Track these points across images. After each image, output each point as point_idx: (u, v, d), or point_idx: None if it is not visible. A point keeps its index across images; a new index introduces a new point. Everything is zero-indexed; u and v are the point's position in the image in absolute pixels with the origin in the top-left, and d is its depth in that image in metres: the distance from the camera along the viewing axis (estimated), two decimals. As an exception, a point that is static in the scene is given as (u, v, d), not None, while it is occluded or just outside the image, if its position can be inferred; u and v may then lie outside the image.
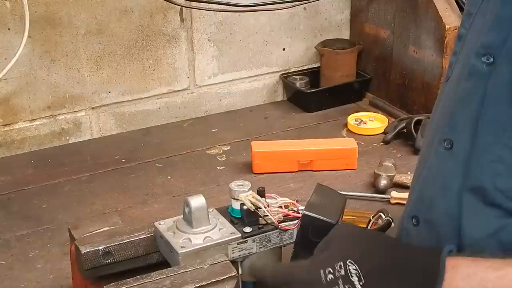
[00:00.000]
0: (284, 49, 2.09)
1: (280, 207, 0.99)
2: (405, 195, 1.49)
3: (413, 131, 1.75)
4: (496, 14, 0.79)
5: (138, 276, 0.90)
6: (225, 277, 0.89)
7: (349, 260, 0.78)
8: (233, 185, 1.00)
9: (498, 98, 0.77)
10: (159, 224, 0.97)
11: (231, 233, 0.95)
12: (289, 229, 0.98)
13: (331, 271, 0.78)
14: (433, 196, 0.86)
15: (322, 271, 0.79)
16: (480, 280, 0.70)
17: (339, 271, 0.78)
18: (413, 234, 0.92)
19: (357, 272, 0.77)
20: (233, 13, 1.93)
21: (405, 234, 0.96)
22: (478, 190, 0.79)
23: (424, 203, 0.88)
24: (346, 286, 0.76)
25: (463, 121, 0.82)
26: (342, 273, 0.77)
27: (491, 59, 0.79)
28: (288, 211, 0.99)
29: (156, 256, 0.99)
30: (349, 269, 0.77)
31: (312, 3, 2.02)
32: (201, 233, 0.94)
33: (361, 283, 0.76)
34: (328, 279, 0.78)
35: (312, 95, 2.04)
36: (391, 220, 1.29)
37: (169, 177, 1.66)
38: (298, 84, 2.09)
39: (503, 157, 0.77)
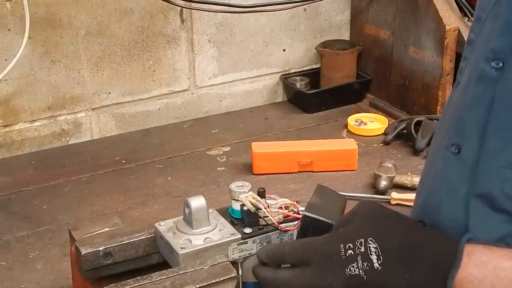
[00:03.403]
0: (284, 50, 2.09)
1: (281, 208, 0.99)
2: (405, 196, 1.50)
3: (413, 132, 1.75)
4: (506, 19, 0.79)
5: (139, 277, 0.90)
6: (225, 278, 0.89)
7: (370, 238, 0.78)
8: (233, 186, 1.00)
9: (507, 103, 0.77)
10: (159, 225, 0.97)
11: (231, 234, 0.95)
12: (289, 230, 0.98)
13: (351, 246, 0.79)
14: (440, 201, 0.86)
15: (342, 245, 0.79)
16: (493, 268, 0.71)
17: (359, 247, 0.78)
18: None
19: (376, 251, 0.77)
20: (233, 14, 1.93)
21: None
22: (486, 196, 0.79)
23: (430, 208, 0.88)
24: (364, 264, 0.77)
25: (471, 126, 0.81)
26: (362, 250, 0.78)
27: (500, 64, 0.79)
28: (288, 212, 0.99)
29: (156, 257, 0.99)
30: (369, 246, 0.78)
31: (312, 4, 2.02)
32: (201, 234, 0.94)
33: (379, 262, 0.77)
34: (348, 254, 0.79)
35: (312, 96, 2.04)
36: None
37: (169, 178, 1.66)
38: (298, 85, 2.09)
39: (511, 163, 0.77)
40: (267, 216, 0.96)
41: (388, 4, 1.97)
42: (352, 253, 0.78)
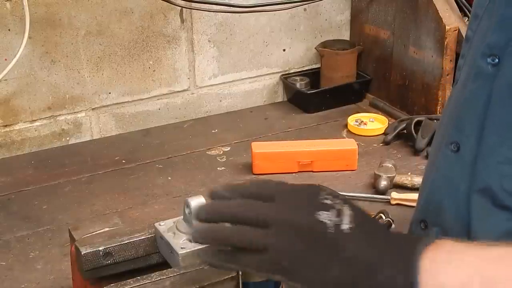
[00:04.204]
0: (284, 50, 2.09)
1: (280, 208, 0.99)
2: (406, 196, 1.50)
3: (413, 132, 1.75)
4: (501, 15, 0.79)
5: (139, 277, 0.90)
6: (225, 278, 0.89)
7: (348, 205, 0.71)
8: (233, 186, 1.00)
9: (504, 99, 0.77)
10: (159, 225, 0.97)
11: (231, 234, 0.95)
12: (289, 230, 0.98)
13: (330, 198, 0.72)
14: (441, 200, 0.86)
15: (322, 192, 0.73)
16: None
17: (337, 203, 0.71)
18: None
19: (351, 217, 0.70)
20: (233, 14, 1.93)
21: None
22: (486, 192, 0.79)
23: (432, 207, 0.88)
24: (336, 218, 0.69)
25: (470, 123, 0.82)
26: (339, 207, 0.71)
27: (496, 60, 0.79)
28: (288, 212, 0.99)
29: (156, 257, 0.99)
30: (345, 209, 0.71)
31: (312, 4, 2.02)
32: (201, 234, 0.94)
33: (348, 226, 0.69)
34: (324, 202, 0.71)
35: (312, 96, 2.04)
36: (391, 221, 1.29)
37: (169, 178, 1.66)
38: (298, 85, 2.09)
39: (510, 158, 0.77)
40: (267, 216, 0.96)
41: (388, 4, 1.97)
42: (330, 203, 0.71)
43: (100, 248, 0.95)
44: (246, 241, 0.71)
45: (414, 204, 1.48)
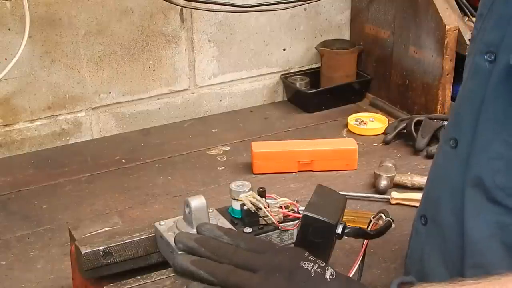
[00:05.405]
0: (284, 50, 2.09)
1: (281, 207, 0.99)
2: (406, 195, 1.50)
3: (414, 132, 1.75)
4: (499, 13, 0.80)
5: (139, 277, 0.90)
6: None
7: (331, 266, 0.79)
8: (233, 185, 1.00)
9: (497, 95, 0.78)
10: (159, 224, 0.97)
11: (231, 233, 0.95)
12: (289, 230, 0.98)
13: (315, 259, 0.80)
14: (439, 195, 0.87)
15: (308, 253, 0.81)
16: None
17: (321, 263, 0.79)
18: (422, 233, 0.93)
19: (332, 274, 0.78)
20: (234, 13, 1.93)
21: (415, 233, 0.97)
22: (479, 187, 0.80)
23: (431, 202, 0.89)
24: (318, 269, 0.78)
25: (467, 120, 0.83)
26: (322, 265, 0.79)
27: (493, 57, 0.79)
28: (289, 211, 0.99)
29: (157, 257, 0.99)
30: (328, 267, 0.79)
31: (312, 3, 2.02)
32: (201, 233, 0.94)
33: (330, 277, 0.77)
34: (309, 258, 0.80)
35: (312, 95, 2.04)
36: (391, 220, 1.28)
37: (169, 178, 1.66)
38: (298, 85, 2.09)
39: (502, 153, 0.78)
40: (267, 216, 0.96)
41: (388, 4, 1.97)
42: (313, 259, 0.79)
43: (100, 248, 0.95)
44: (235, 279, 0.78)
45: (414, 203, 1.48)
